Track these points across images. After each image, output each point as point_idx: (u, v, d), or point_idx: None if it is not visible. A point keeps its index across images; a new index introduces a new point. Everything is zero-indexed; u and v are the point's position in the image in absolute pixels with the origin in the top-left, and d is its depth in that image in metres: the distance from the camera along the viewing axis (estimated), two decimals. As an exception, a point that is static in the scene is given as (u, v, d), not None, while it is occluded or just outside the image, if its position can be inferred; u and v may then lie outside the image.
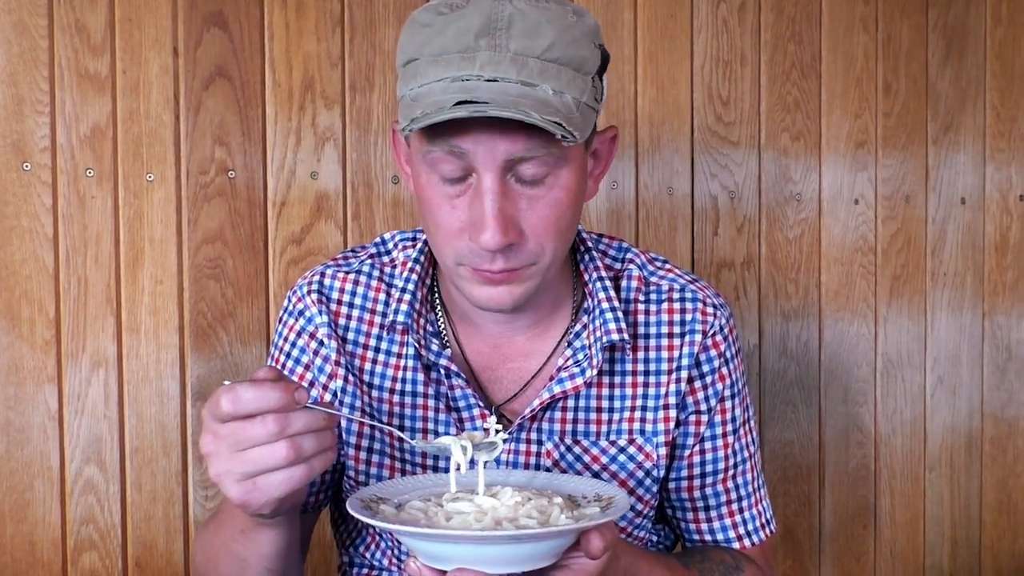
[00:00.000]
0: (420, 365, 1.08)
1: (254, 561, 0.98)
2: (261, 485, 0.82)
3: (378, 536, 1.14)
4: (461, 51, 0.89)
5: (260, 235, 1.49)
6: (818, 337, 1.83)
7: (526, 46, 0.89)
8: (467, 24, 0.89)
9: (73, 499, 1.42)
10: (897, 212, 1.88)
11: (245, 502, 0.83)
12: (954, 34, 1.91)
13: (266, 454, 0.81)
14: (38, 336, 1.39)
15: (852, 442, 1.87)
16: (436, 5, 0.93)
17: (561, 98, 0.90)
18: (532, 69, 0.89)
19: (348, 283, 1.11)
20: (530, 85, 0.89)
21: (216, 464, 0.82)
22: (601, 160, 1.05)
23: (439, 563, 0.81)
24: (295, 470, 0.82)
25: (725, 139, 1.74)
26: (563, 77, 0.91)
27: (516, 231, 0.94)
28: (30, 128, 1.38)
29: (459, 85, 0.89)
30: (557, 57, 0.90)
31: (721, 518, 1.14)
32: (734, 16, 1.74)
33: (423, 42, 0.92)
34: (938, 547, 1.95)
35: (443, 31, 0.90)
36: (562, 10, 0.93)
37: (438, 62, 0.90)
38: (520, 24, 0.89)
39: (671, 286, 1.11)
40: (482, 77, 0.89)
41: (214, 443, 0.82)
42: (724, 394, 1.11)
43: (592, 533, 0.82)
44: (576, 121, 0.90)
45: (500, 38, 0.89)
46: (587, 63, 0.93)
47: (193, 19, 1.44)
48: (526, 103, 0.87)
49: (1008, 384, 1.99)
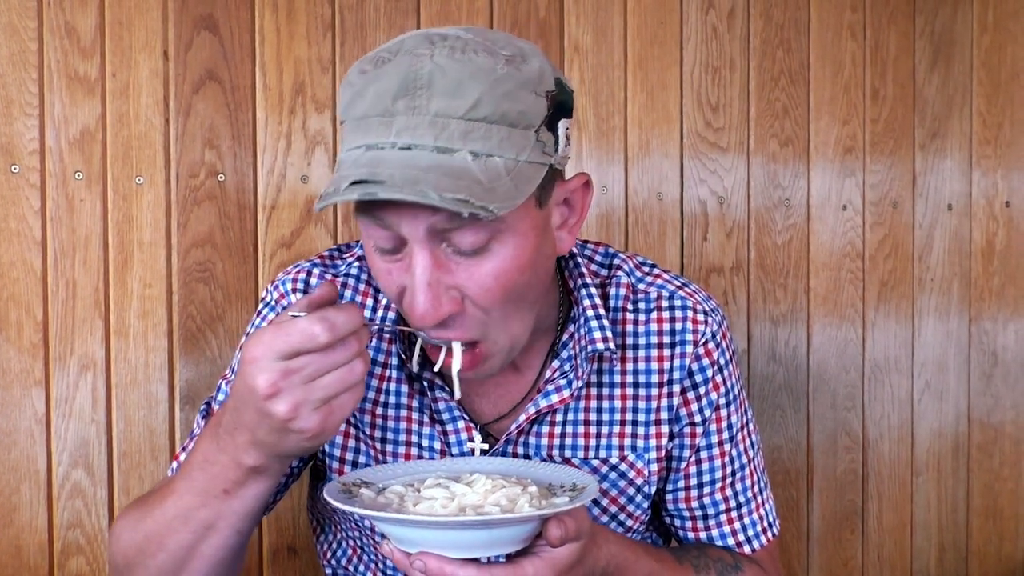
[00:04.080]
0: (404, 376, 1.05)
1: (224, 524, 0.91)
2: (336, 408, 0.82)
3: (360, 549, 1.13)
4: (380, 115, 0.85)
5: (250, 239, 1.49)
6: (806, 342, 1.84)
7: (447, 106, 0.83)
8: (385, 86, 0.84)
9: (60, 503, 1.41)
10: (884, 218, 1.90)
11: (322, 429, 0.82)
12: (941, 41, 1.93)
13: (346, 374, 0.81)
14: (25, 339, 1.39)
15: (840, 447, 1.88)
16: (364, 61, 0.88)
17: (485, 163, 0.84)
18: (453, 132, 0.83)
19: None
20: (447, 151, 0.83)
21: (288, 400, 0.80)
22: (575, 209, 0.97)
23: (407, 546, 0.82)
24: (359, 388, 0.83)
25: (714, 144, 1.75)
26: (493, 137, 0.84)
27: (453, 303, 0.89)
28: (19, 130, 1.38)
29: (370, 156, 0.84)
30: (485, 115, 0.84)
31: (720, 526, 1.11)
32: (723, 23, 1.75)
33: (348, 104, 0.88)
34: (925, 552, 1.96)
35: (364, 92, 0.86)
36: (491, 61, 0.85)
37: (359, 126, 0.86)
38: (441, 82, 0.83)
39: (660, 293, 1.08)
40: (396, 145, 0.83)
41: (284, 379, 0.80)
42: (719, 403, 1.08)
43: (551, 521, 0.82)
44: (500, 189, 0.83)
45: (420, 98, 0.83)
46: (527, 116, 0.86)
47: (184, 22, 1.44)
48: (431, 177, 0.81)
49: (994, 389, 2.01)
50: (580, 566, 0.86)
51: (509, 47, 0.88)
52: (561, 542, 0.82)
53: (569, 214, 0.97)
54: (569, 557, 0.84)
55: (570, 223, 0.97)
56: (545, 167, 0.89)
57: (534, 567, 0.82)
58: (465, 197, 0.80)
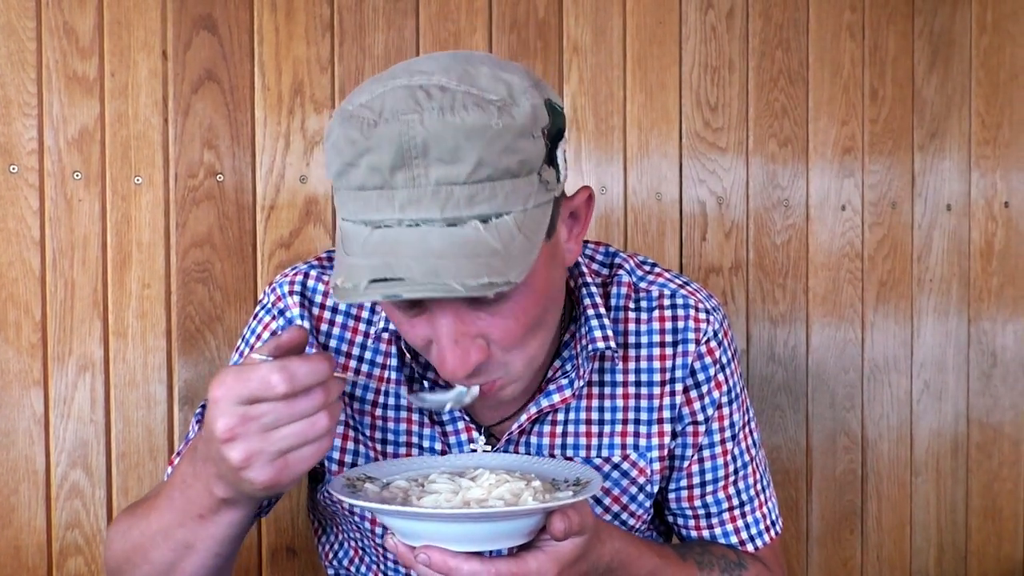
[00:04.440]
0: (403, 377, 1.05)
1: (203, 547, 0.92)
2: (292, 462, 0.79)
3: (361, 550, 1.13)
4: (378, 187, 0.81)
5: (248, 239, 1.48)
6: (805, 342, 1.84)
7: (447, 173, 0.80)
8: (380, 158, 0.80)
9: (59, 504, 1.41)
10: (883, 218, 1.90)
11: (275, 482, 0.80)
12: (940, 42, 1.93)
13: (307, 428, 0.79)
14: (24, 339, 1.39)
15: (839, 447, 1.88)
16: (349, 123, 0.83)
17: (496, 226, 0.81)
18: (458, 199, 0.80)
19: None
20: (456, 223, 0.80)
21: (243, 447, 0.78)
22: (580, 219, 0.96)
23: (411, 540, 0.82)
24: (324, 441, 0.80)
25: (713, 145, 1.75)
26: (498, 195, 0.81)
27: (480, 351, 0.88)
28: (17, 130, 1.38)
29: (379, 238, 0.81)
30: (488, 175, 0.81)
31: (723, 524, 1.11)
32: (722, 23, 1.75)
33: (341, 172, 0.84)
34: (924, 552, 1.96)
35: (356, 163, 0.82)
36: (483, 117, 0.81)
37: (357, 197, 0.83)
38: (437, 149, 0.79)
39: (661, 292, 1.08)
40: (403, 222, 0.81)
41: (242, 426, 0.78)
42: (721, 401, 1.08)
43: (555, 515, 0.81)
44: (515, 249, 0.82)
45: (417, 168, 0.80)
46: (528, 163, 0.83)
47: (183, 22, 1.44)
48: (449, 266, 0.79)
49: (993, 389, 2.01)
50: (583, 561, 0.86)
51: (495, 87, 0.83)
52: (565, 536, 0.82)
53: (574, 224, 0.96)
54: (573, 551, 0.84)
55: (575, 232, 0.97)
56: (551, 203, 0.87)
57: (537, 561, 0.82)
58: (487, 280, 0.79)
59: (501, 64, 0.88)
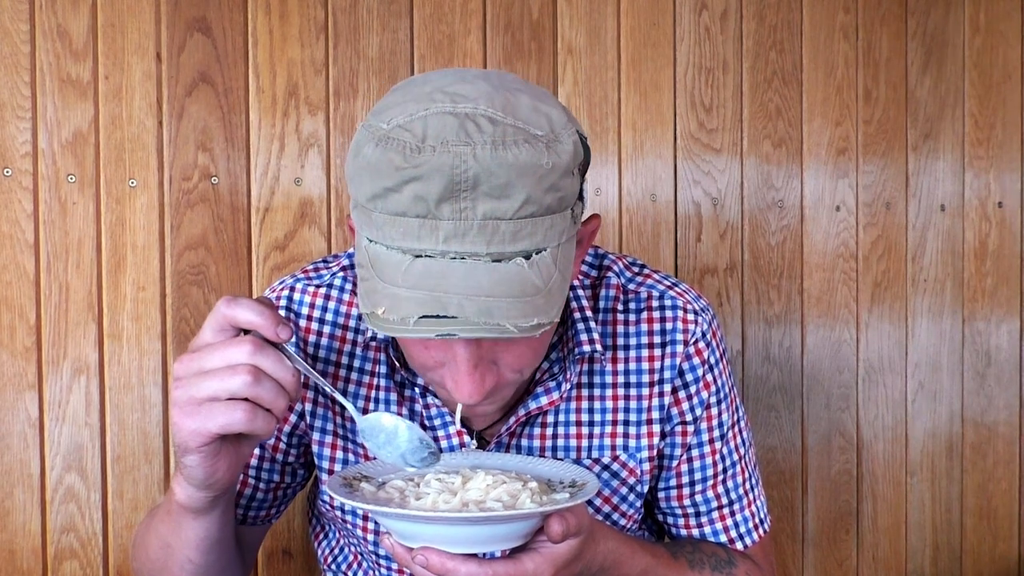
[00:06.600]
0: (393, 384, 1.05)
1: (177, 547, 0.97)
2: (203, 411, 0.82)
3: (360, 555, 1.13)
4: (421, 215, 0.79)
5: (243, 241, 1.48)
6: (800, 343, 1.84)
7: (495, 208, 0.79)
8: (427, 188, 0.78)
9: (54, 507, 1.40)
10: (878, 219, 1.90)
11: (193, 430, 0.83)
12: (933, 43, 1.93)
13: (226, 375, 0.81)
14: (18, 343, 1.38)
15: (834, 447, 1.88)
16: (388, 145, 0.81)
17: (537, 263, 0.82)
18: (503, 235, 0.80)
19: (319, 298, 1.07)
20: (501, 259, 0.80)
21: (180, 391, 0.83)
22: (583, 246, 0.97)
23: (408, 541, 0.83)
24: (237, 409, 0.82)
25: (708, 146, 1.75)
26: (539, 231, 0.81)
27: (494, 376, 0.90)
28: (11, 133, 1.37)
29: (423, 269, 0.80)
30: (532, 212, 0.80)
31: (712, 523, 1.11)
32: (716, 24, 1.75)
33: (378, 195, 0.81)
34: (920, 552, 1.96)
35: (399, 189, 0.80)
36: (533, 154, 0.80)
37: (395, 223, 0.81)
38: (486, 183, 0.78)
39: (650, 293, 1.08)
40: (447, 254, 0.79)
41: (184, 365, 0.83)
42: (710, 401, 1.09)
43: (553, 517, 0.82)
44: (554, 284, 0.82)
45: (465, 201, 0.79)
46: (566, 199, 0.84)
47: (176, 24, 1.44)
48: (502, 306, 0.79)
49: (988, 389, 2.01)
50: (578, 562, 0.87)
51: (538, 120, 0.83)
52: (562, 538, 0.82)
53: (579, 250, 0.97)
54: (569, 553, 0.84)
55: (578, 256, 0.97)
56: (575, 235, 0.88)
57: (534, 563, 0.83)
58: (536, 321, 0.80)
59: (535, 92, 0.87)
